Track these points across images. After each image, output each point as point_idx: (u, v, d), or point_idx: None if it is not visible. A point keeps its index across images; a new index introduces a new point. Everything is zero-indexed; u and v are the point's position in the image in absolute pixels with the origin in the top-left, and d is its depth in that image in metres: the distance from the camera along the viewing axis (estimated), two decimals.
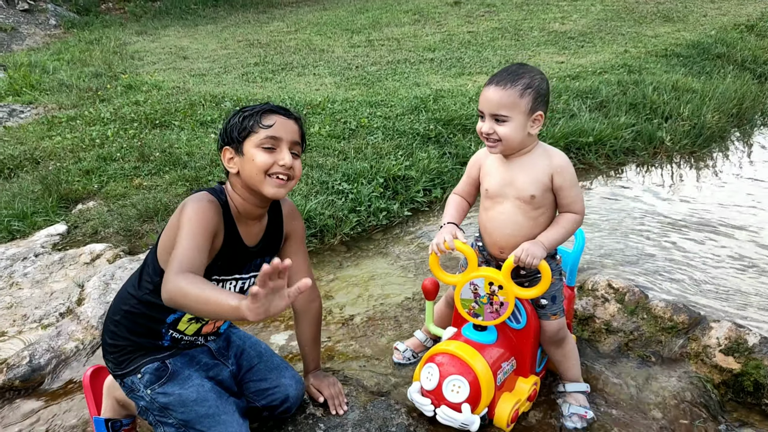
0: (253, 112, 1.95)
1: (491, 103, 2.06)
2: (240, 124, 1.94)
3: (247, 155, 1.93)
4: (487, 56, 8.41)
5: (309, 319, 2.28)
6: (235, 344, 2.26)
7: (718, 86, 6.38)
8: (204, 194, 1.95)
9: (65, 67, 8.85)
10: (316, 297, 2.29)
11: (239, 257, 2.05)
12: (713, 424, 2.32)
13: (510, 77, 2.06)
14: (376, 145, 4.97)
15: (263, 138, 1.92)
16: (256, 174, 1.93)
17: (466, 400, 2.10)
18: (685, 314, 2.70)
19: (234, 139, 1.95)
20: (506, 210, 2.19)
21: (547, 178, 2.13)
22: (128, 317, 2.03)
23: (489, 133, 2.09)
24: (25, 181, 4.84)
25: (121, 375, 2.05)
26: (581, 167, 4.98)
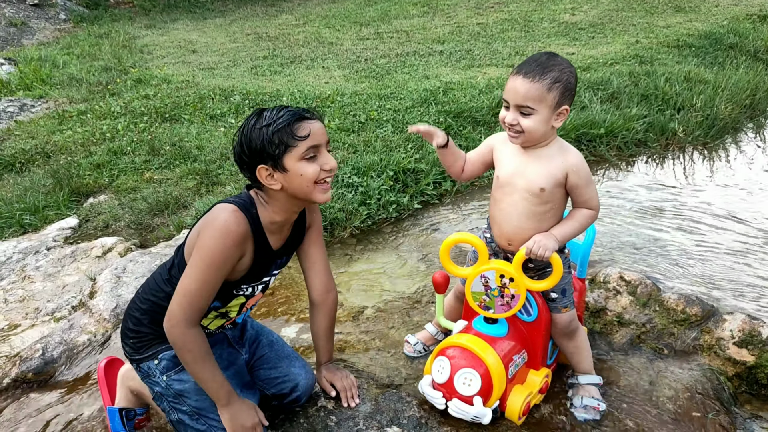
0: (282, 124, 1.86)
1: (518, 95, 2.02)
2: (272, 140, 1.85)
3: (292, 170, 1.87)
4: (497, 48, 8.36)
5: (325, 310, 2.27)
6: (249, 333, 2.28)
7: (730, 77, 6.31)
8: (233, 213, 1.88)
9: (75, 62, 8.88)
10: (332, 288, 2.28)
11: (267, 262, 2.06)
12: (727, 416, 2.30)
13: (539, 69, 2.01)
14: (386, 138, 4.96)
15: (305, 150, 1.87)
16: (307, 186, 1.90)
17: (478, 393, 2.10)
18: (698, 306, 2.68)
19: (270, 156, 1.86)
20: (515, 201, 2.17)
21: (561, 174, 2.11)
22: (155, 308, 2.03)
23: (512, 124, 2.06)
24: (36, 175, 4.87)
25: (138, 360, 2.06)
26: (592, 159, 4.95)
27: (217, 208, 1.91)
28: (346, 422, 2.18)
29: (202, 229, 1.89)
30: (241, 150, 1.90)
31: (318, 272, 2.23)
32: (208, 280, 1.87)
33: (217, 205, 1.93)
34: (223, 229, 1.85)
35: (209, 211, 1.95)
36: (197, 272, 1.86)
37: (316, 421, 2.18)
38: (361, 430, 2.14)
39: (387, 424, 2.17)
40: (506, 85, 2.08)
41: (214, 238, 1.84)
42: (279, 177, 1.89)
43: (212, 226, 1.86)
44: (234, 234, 1.86)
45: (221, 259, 1.86)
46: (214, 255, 1.85)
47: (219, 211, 1.89)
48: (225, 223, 1.85)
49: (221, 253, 1.85)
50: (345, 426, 2.16)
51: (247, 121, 1.91)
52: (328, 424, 2.16)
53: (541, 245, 2.05)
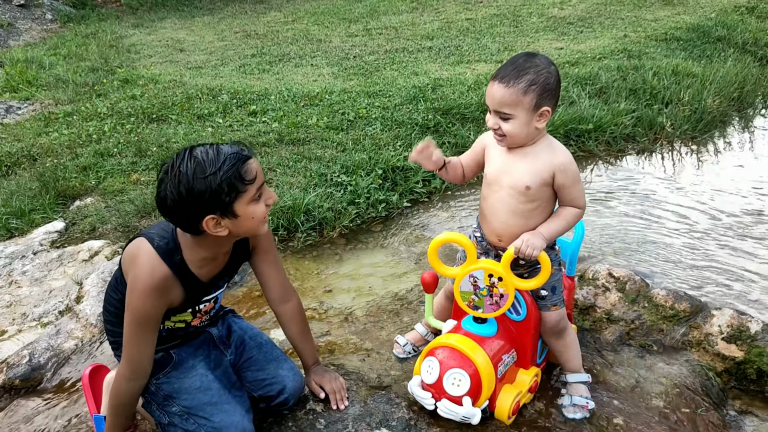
0: (231, 172, 1.76)
1: (494, 100, 2.04)
2: (221, 189, 1.75)
3: (243, 215, 1.82)
4: (486, 43, 8.35)
5: (289, 317, 2.28)
6: (236, 334, 2.26)
7: (718, 70, 6.32)
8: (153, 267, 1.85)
9: (62, 62, 8.80)
10: (290, 296, 2.27)
11: (204, 291, 2.05)
12: (716, 412, 2.31)
13: (515, 73, 2.01)
14: (375, 136, 4.94)
15: (254, 193, 1.83)
16: (258, 226, 1.89)
17: (467, 393, 2.09)
18: (687, 302, 2.68)
19: (219, 205, 1.77)
20: (501, 198, 2.17)
21: (548, 174, 2.10)
22: (118, 318, 2.02)
23: (494, 129, 2.09)
24: (22, 178, 4.83)
25: None
26: (581, 155, 4.95)
27: (141, 254, 1.87)
28: (335, 425, 2.16)
29: (128, 279, 1.88)
30: (181, 200, 1.75)
31: (273, 286, 2.24)
32: (137, 334, 1.90)
33: (142, 247, 1.88)
34: (142, 287, 1.84)
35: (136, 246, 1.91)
36: (128, 328, 1.90)
37: (305, 424, 2.17)
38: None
39: (376, 426, 2.16)
40: (487, 89, 2.09)
41: (136, 298, 1.85)
42: (227, 223, 1.82)
43: (133, 283, 1.86)
44: (155, 292, 1.85)
45: (145, 315, 1.88)
46: (136, 313, 1.87)
47: (141, 262, 1.86)
48: (143, 282, 1.84)
49: (144, 309, 1.87)
50: (334, 428, 2.15)
51: (179, 168, 1.76)
52: (316, 427, 2.15)
53: (530, 244, 2.04)
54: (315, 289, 3.22)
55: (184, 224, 1.85)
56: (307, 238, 3.68)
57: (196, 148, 1.80)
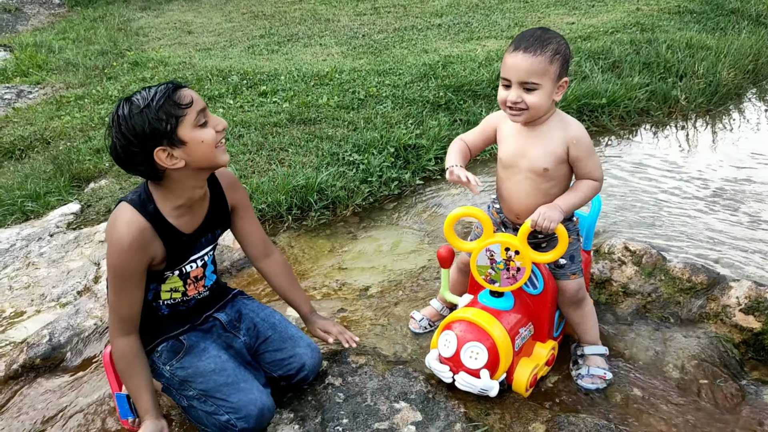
0: (162, 99, 1.79)
1: (521, 71, 1.99)
2: (159, 117, 1.78)
3: (191, 141, 1.82)
4: (496, 20, 8.27)
5: (273, 271, 2.35)
6: (248, 317, 2.27)
7: (732, 42, 6.24)
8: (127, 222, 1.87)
9: (71, 46, 8.81)
10: (271, 251, 2.34)
11: (185, 247, 2.05)
12: (734, 383, 2.30)
13: (539, 43, 1.98)
14: (386, 115, 4.92)
15: (195, 116, 1.83)
16: (210, 151, 1.87)
17: (485, 366, 2.10)
18: (704, 274, 2.67)
19: (163, 134, 1.79)
20: (519, 180, 2.16)
21: (562, 149, 2.09)
22: None
23: (516, 102, 2.02)
24: (36, 161, 4.86)
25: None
26: (594, 130, 4.91)
27: (116, 214, 1.90)
28: (353, 398, 2.18)
29: (106, 239, 1.92)
30: (128, 142, 1.79)
31: (253, 242, 2.30)
32: (121, 290, 1.93)
33: (117, 208, 1.91)
34: (118, 241, 1.86)
35: (113, 211, 1.94)
36: (111, 286, 1.94)
37: (324, 398, 2.19)
38: (369, 405, 2.15)
39: (395, 399, 2.17)
40: (505, 63, 2.04)
41: (113, 253, 1.87)
42: (179, 153, 1.83)
43: (110, 239, 1.88)
44: (130, 242, 1.86)
45: (127, 272, 1.90)
46: (116, 268, 1.89)
47: (116, 219, 1.89)
48: (119, 236, 1.86)
49: (123, 264, 1.88)
50: (353, 402, 2.16)
51: (118, 113, 1.81)
52: (336, 401, 2.17)
53: (546, 217, 2.03)
54: (330, 267, 3.23)
55: (141, 169, 1.86)
56: (320, 217, 3.68)
57: (132, 95, 1.85)
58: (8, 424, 2.38)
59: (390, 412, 2.12)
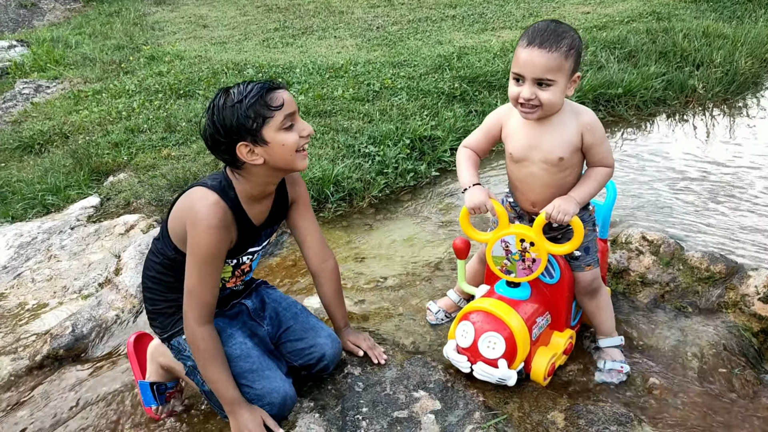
0: (254, 98, 1.85)
1: (536, 67, 1.94)
2: (248, 115, 1.84)
3: (273, 142, 1.88)
4: (510, 10, 8.24)
5: (325, 278, 2.32)
6: (270, 306, 2.30)
7: (750, 31, 6.17)
8: (214, 206, 1.91)
9: (87, 41, 8.88)
10: (328, 256, 2.32)
11: (251, 237, 2.09)
12: (752, 371, 2.30)
13: (554, 37, 1.93)
14: (401, 106, 4.93)
15: (282, 119, 1.88)
16: (290, 155, 1.92)
17: (503, 356, 2.11)
18: (722, 264, 2.66)
19: (248, 131, 1.86)
20: (533, 172, 2.14)
21: (577, 137, 2.08)
22: (157, 281, 2.12)
23: (530, 98, 1.98)
24: (56, 155, 4.92)
25: (168, 337, 2.13)
26: (610, 120, 4.89)
27: (196, 197, 1.93)
28: (373, 387, 2.21)
29: (188, 223, 1.91)
30: (215, 131, 1.88)
31: (311, 244, 2.28)
32: (207, 274, 1.94)
33: (196, 192, 1.94)
34: (205, 221, 1.88)
35: (188, 195, 1.97)
36: (194, 272, 1.93)
37: (344, 387, 2.21)
38: (388, 394, 2.17)
39: (414, 388, 2.19)
40: (517, 58, 1.99)
41: (201, 233, 1.88)
42: (260, 151, 1.89)
43: (197, 223, 1.89)
44: (220, 226, 1.90)
45: (215, 253, 1.92)
46: (206, 252, 1.90)
47: (199, 202, 1.91)
48: (205, 216, 1.88)
49: (213, 247, 1.91)
50: (372, 391, 2.19)
51: (214, 102, 1.89)
52: (355, 390, 2.20)
53: (561, 210, 2.03)
54: (346, 259, 3.25)
55: (224, 156, 1.94)
56: (337, 209, 3.70)
57: (231, 86, 1.91)
58: (32, 413, 2.43)
59: (409, 401, 2.14)
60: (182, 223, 1.95)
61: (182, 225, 1.95)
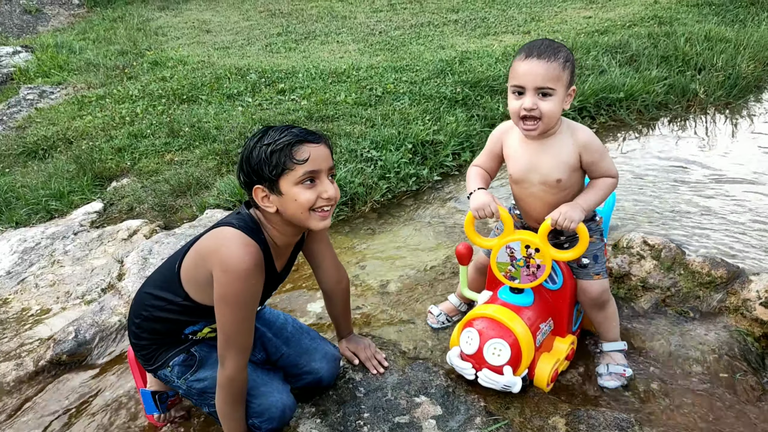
0: (281, 145, 1.76)
1: (537, 76, 1.97)
2: (270, 161, 1.76)
3: (287, 195, 1.79)
4: (512, 15, 8.25)
5: (338, 298, 2.31)
6: (259, 331, 2.21)
7: (752, 34, 6.17)
8: (247, 248, 1.78)
9: (91, 46, 8.92)
10: (342, 277, 2.28)
11: (272, 286, 2.06)
12: (754, 376, 2.30)
13: (551, 50, 1.98)
14: (403, 111, 4.94)
15: (302, 175, 1.77)
16: (301, 213, 1.82)
17: (508, 363, 2.12)
18: (724, 268, 2.66)
19: (266, 177, 1.79)
20: (533, 193, 2.18)
21: (574, 158, 2.10)
22: (147, 322, 2.04)
23: (531, 109, 1.99)
24: (59, 161, 4.94)
25: (152, 370, 2.10)
26: (612, 124, 4.90)
27: (226, 238, 1.82)
28: (374, 393, 2.21)
29: (216, 267, 1.78)
30: (241, 167, 1.84)
31: (327, 268, 2.23)
32: (243, 319, 1.82)
33: (224, 233, 1.84)
34: (240, 265, 1.76)
35: (214, 236, 1.87)
36: (230, 316, 1.80)
37: (346, 393, 2.22)
38: (389, 400, 2.17)
39: (415, 393, 2.20)
40: (516, 71, 2.02)
41: (236, 279, 1.76)
42: (274, 199, 1.82)
43: (230, 268, 1.76)
44: (253, 264, 1.78)
45: (248, 295, 1.81)
46: (239, 295, 1.79)
47: (231, 243, 1.79)
48: (239, 259, 1.76)
49: (246, 289, 1.79)
50: (373, 396, 2.19)
51: (251, 138, 1.84)
52: (356, 396, 2.20)
53: (567, 217, 2.04)
54: (349, 263, 3.26)
55: (247, 191, 1.88)
56: (339, 214, 3.71)
57: (274, 127, 1.84)
58: (36, 417, 2.44)
59: (410, 407, 2.14)
60: (206, 265, 1.83)
61: (205, 268, 1.83)
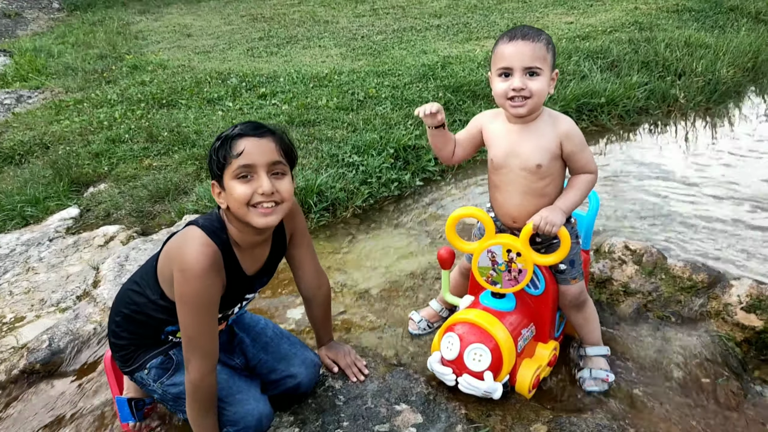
0: (223, 139, 1.79)
1: (525, 56, 1.99)
2: (216, 156, 1.79)
3: (228, 189, 1.80)
4: (495, 20, 8.27)
5: (318, 302, 2.28)
6: (239, 337, 2.20)
7: (731, 40, 6.23)
8: (201, 247, 1.77)
9: (70, 50, 8.82)
10: (323, 283, 2.26)
11: (241, 289, 2.00)
12: (736, 381, 2.29)
13: (533, 32, 2.03)
14: (385, 116, 4.91)
15: (236, 169, 1.77)
16: (239, 208, 1.80)
17: (488, 368, 2.09)
18: (705, 273, 2.66)
19: (214, 173, 1.82)
20: (512, 180, 2.15)
21: (555, 145, 2.08)
22: (128, 320, 2.00)
23: (521, 89, 2.00)
24: (35, 166, 4.85)
25: (128, 372, 2.06)
26: (594, 129, 4.91)
27: (187, 237, 1.81)
28: (354, 401, 2.17)
29: (175, 267, 1.77)
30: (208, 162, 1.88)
31: (306, 272, 2.20)
32: (203, 322, 1.80)
33: (187, 232, 1.83)
34: (194, 265, 1.74)
35: (181, 234, 1.85)
36: (190, 319, 1.79)
37: (325, 401, 2.18)
38: (369, 408, 2.14)
39: (395, 401, 2.17)
40: (502, 54, 2.04)
41: (190, 279, 1.74)
42: (224, 195, 1.83)
43: (185, 268, 1.74)
44: (206, 265, 1.75)
45: (205, 296, 1.78)
46: (196, 296, 1.77)
47: (189, 243, 1.78)
48: (194, 259, 1.74)
49: (202, 290, 1.77)
50: (353, 404, 2.16)
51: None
52: (336, 404, 2.16)
53: (548, 221, 2.02)
54: (330, 269, 3.22)
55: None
56: (320, 219, 3.67)
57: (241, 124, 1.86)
58: (8, 429, 2.38)
59: (390, 415, 2.11)
60: (170, 265, 1.82)
61: (170, 268, 1.82)
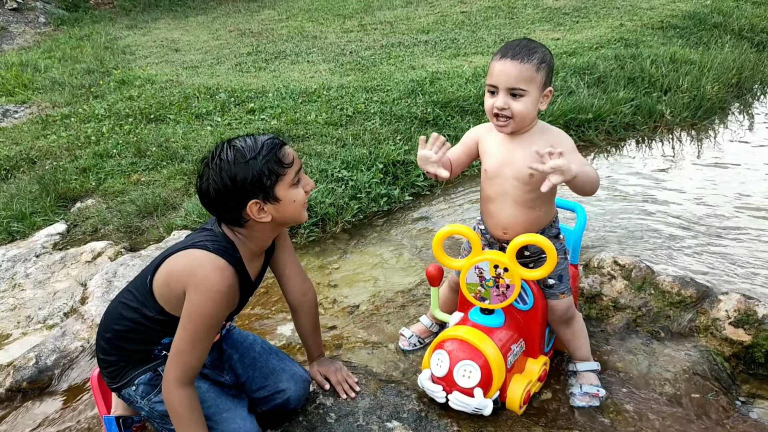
0: (268, 155, 1.81)
1: (509, 77, 2.00)
2: (263, 172, 1.80)
3: (284, 199, 1.86)
4: (482, 36, 8.33)
5: (305, 311, 2.27)
6: (228, 354, 2.20)
7: (716, 56, 6.32)
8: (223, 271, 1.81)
9: (57, 65, 8.77)
10: (308, 289, 2.26)
11: (248, 295, 2.05)
12: (725, 396, 2.31)
13: (526, 51, 2.02)
14: (374, 131, 4.93)
15: (293, 176, 1.87)
16: (298, 210, 1.91)
17: (478, 385, 2.09)
18: (693, 288, 2.68)
19: (263, 188, 1.82)
20: (505, 190, 2.16)
21: None
22: (120, 336, 1.99)
23: (503, 108, 2.03)
24: (22, 181, 4.82)
25: (116, 388, 2.04)
26: (581, 144, 4.94)
27: (201, 261, 1.82)
28: (345, 418, 2.16)
29: (190, 287, 1.80)
30: (224, 188, 1.80)
31: (291, 276, 2.22)
32: (201, 341, 1.84)
33: (198, 255, 1.84)
34: (214, 288, 1.79)
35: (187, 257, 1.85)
36: (189, 336, 1.82)
37: (316, 419, 2.17)
38: (361, 425, 2.12)
39: (387, 418, 2.15)
40: (492, 70, 2.06)
41: (209, 301, 1.79)
42: (270, 208, 1.86)
43: (204, 289, 1.79)
44: (227, 294, 1.82)
45: (215, 321, 1.84)
46: (207, 317, 1.81)
47: (206, 266, 1.81)
48: (214, 283, 1.79)
49: (215, 313, 1.82)
50: (345, 422, 2.14)
51: (221, 156, 1.81)
52: (327, 421, 2.15)
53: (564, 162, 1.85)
54: (319, 285, 3.21)
55: (227, 214, 1.87)
56: (309, 234, 3.67)
57: (234, 139, 1.86)
58: None
59: None
60: (179, 286, 1.83)
61: (179, 288, 1.83)
